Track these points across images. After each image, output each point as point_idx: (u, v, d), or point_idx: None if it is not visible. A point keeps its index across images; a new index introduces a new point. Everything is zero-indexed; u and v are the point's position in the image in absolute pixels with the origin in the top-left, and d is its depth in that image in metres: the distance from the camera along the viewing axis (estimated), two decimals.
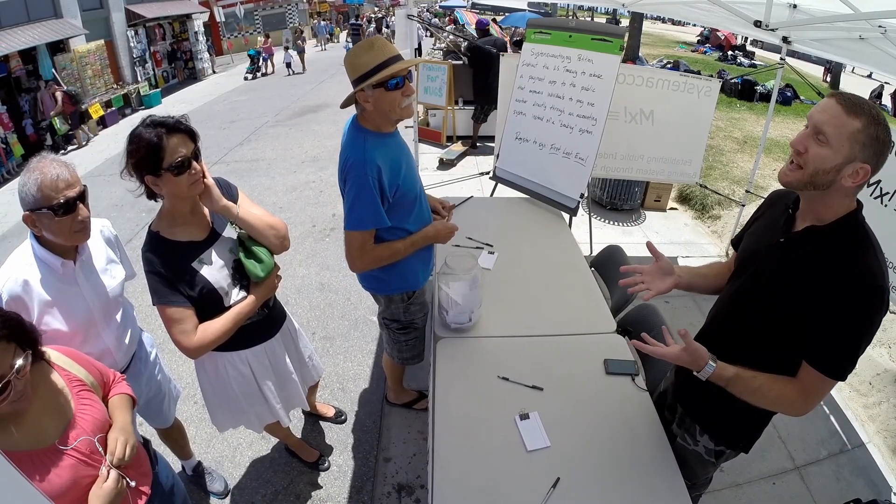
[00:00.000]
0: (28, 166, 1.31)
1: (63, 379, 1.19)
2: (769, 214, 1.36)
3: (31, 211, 1.31)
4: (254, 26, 20.71)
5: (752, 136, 7.51)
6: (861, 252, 1.10)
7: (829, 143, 1.06)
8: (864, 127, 1.03)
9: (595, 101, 2.76)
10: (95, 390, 1.26)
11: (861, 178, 1.06)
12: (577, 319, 1.98)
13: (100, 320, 1.52)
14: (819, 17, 2.66)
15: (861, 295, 1.07)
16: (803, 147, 1.10)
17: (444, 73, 6.40)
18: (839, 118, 1.05)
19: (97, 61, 10.36)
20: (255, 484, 2.28)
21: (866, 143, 1.04)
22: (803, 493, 2.29)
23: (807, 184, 1.11)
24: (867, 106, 1.05)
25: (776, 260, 1.22)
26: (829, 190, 1.10)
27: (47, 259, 1.39)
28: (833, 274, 1.10)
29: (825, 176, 1.08)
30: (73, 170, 1.35)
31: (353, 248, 1.72)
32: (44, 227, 1.34)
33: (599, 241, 3.36)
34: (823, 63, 14.95)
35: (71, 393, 1.18)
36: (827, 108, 1.07)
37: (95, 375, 1.29)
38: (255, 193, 5.57)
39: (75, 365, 1.24)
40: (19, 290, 1.35)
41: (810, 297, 1.13)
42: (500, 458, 1.44)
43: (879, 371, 2.95)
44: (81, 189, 1.36)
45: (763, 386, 1.19)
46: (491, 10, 16.36)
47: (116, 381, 1.37)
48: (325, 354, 3.04)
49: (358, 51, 1.59)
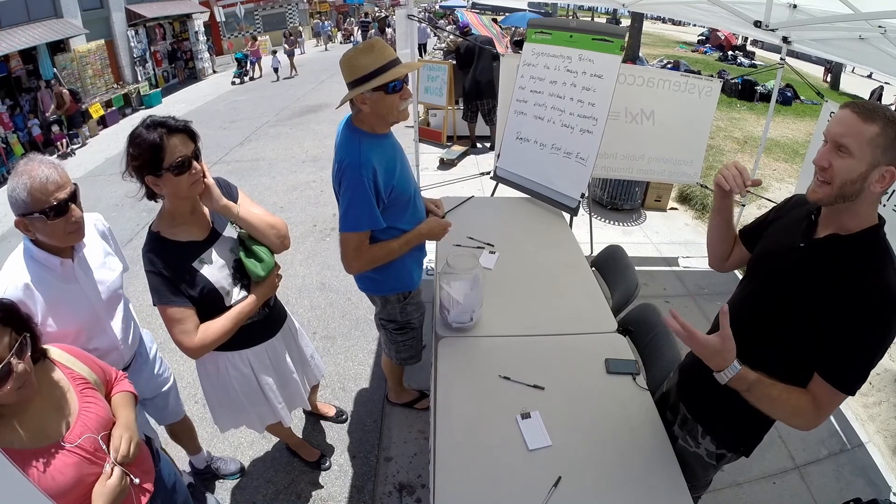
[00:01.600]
0: (16, 169, 1.27)
1: (66, 377, 1.19)
2: (789, 217, 1.35)
3: (23, 216, 1.29)
4: (254, 26, 20.70)
5: (753, 137, 7.52)
6: (881, 266, 1.10)
7: (851, 154, 1.06)
8: (882, 130, 1.04)
9: (596, 101, 2.76)
10: (98, 388, 1.26)
11: (888, 182, 1.07)
12: (577, 319, 1.98)
13: (104, 315, 1.52)
14: (819, 18, 2.66)
15: (879, 310, 1.07)
16: (827, 163, 1.10)
17: (444, 73, 6.40)
18: (856, 126, 1.05)
19: (97, 61, 10.37)
20: (256, 483, 2.28)
21: (887, 147, 1.04)
22: (803, 493, 2.29)
23: (837, 197, 1.11)
24: (881, 110, 1.06)
25: (795, 263, 1.22)
26: (857, 199, 1.11)
27: (45, 260, 1.38)
28: (851, 285, 1.10)
29: (853, 186, 1.08)
30: (62, 170, 1.32)
31: (349, 249, 1.72)
32: (37, 231, 1.32)
33: (600, 241, 3.36)
34: (823, 63, 14.95)
35: (74, 390, 1.18)
36: (843, 119, 1.08)
37: (98, 373, 1.29)
38: (256, 193, 5.57)
39: (78, 363, 1.24)
40: (21, 295, 1.33)
41: (826, 305, 1.12)
42: (501, 457, 1.44)
43: (879, 371, 2.95)
44: (73, 189, 1.33)
45: (782, 395, 1.17)
46: (491, 9, 16.35)
47: (118, 378, 1.37)
48: (326, 354, 3.05)
49: (357, 53, 1.59)
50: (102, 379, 1.30)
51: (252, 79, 13.89)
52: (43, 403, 1.11)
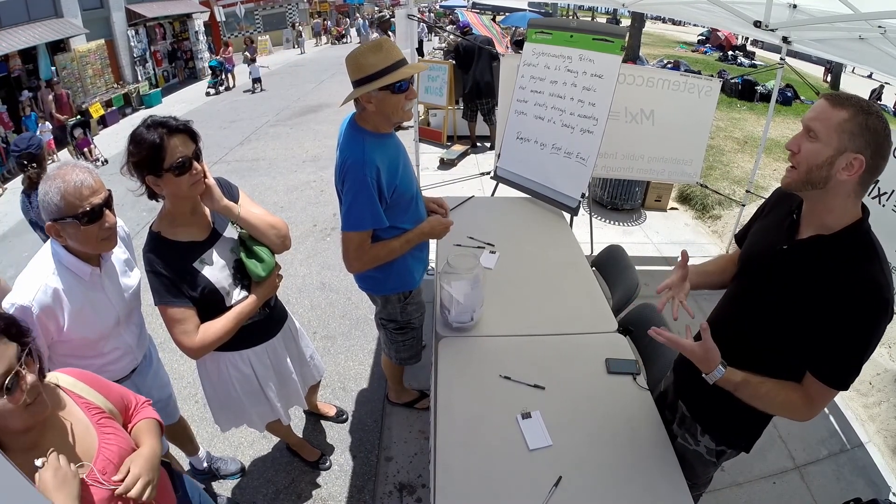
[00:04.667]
0: (48, 173, 1.26)
1: (81, 407, 1.09)
2: (773, 215, 1.35)
3: (55, 220, 1.26)
4: (254, 26, 20.70)
5: (753, 136, 7.51)
6: (867, 263, 1.09)
7: (819, 138, 1.07)
8: (852, 116, 1.04)
9: (596, 101, 2.77)
10: (115, 417, 1.16)
11: (857, 170, 1.05)
12: (578, 319, 1.98)
13: (123, 321, 1.52)
14: (819, 18, 2.66)
15: (866, 307, 1.07)
16: (796, 147, 1.12)
17: (445, 73, 6.40)
18: (825, 112, 1.07)
19: (97, 61, 10.36)
20: (256, 483, 2.28)
21: (855, 132, 1.04)
22: (803, 493, 2.29)
23: (804, 182, 1.11)
24: (855, 99, 1.06)
25: (778, 267, 1.21)
26: (828, 188, 1.09)
27: (76, 266, 1.36)
28: (838, 285, 1.09)
29: (819, 171, 1.08)
30: (96, 175, 1.31)
31: (351, 248, 1.72)
32: (69, 237, 1.30)
33: (600, 241, 3.36)
34: (823, 63, 14.95)
35: (91, 422, 1.08)
36: (816, 106, 1.10)
37: (115, 400, 1.19)
38: (256, 193, 5.57)
39: (92, 391, 1.14)
40: (49, 301, 1.31)
41: (813, 306, 1.12)
42: (501, 457, 1.44)
43: (879, 371, 2.95)
44: (107, 195, 1.32)
45: (770, 392, 1.19)
46: (491, 9, 16.34)
47: (140, 405, 1.28)
48: (327, 354, 3.05)
49: (364, 51, 1.58)
50: (120, 406, 1.20)
51: (228, 89, 12.55)
52: (58, 438, 1.01)
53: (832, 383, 1.12)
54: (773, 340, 1.23)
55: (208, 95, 12.00)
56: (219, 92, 12.28)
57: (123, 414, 1.21)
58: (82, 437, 1.05)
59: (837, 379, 1.12)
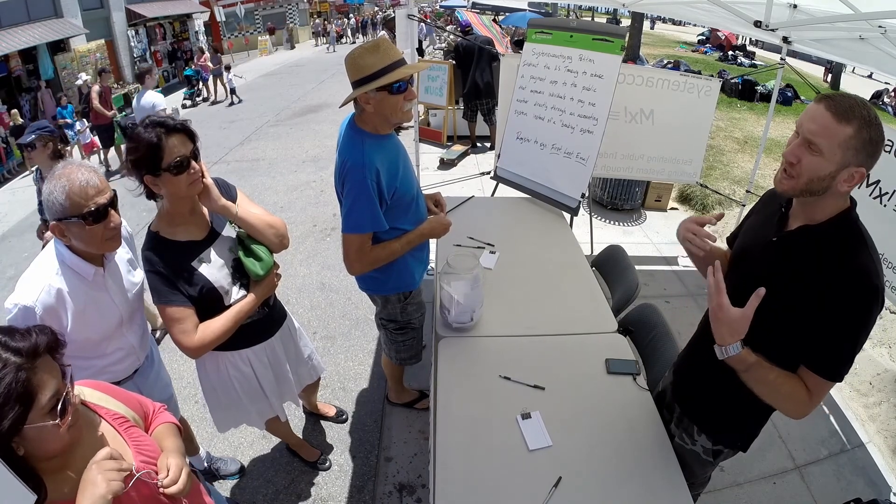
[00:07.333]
0: (53, 173, 1.25)
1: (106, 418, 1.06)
2: (763, 212, 1.36)
3: (59, 220, 1.26)
4: (254, 26, 20.71)
5: (753, 136, 7.51)
6: (855, 251, 1.09)
7: (822, 154, 1.05)
8: (857, 132, 1.01)
9: (596, 101, 2.76)
10: (138, 424, 1.14)
11: (857, 181, 1.06)
12: (578, 319, 1.98)
13: (126, 322, 1.52)
14: (819, 18, 2.65)
15: (856, 295, 1.07)
16: (796, 159, 1.09)
17: (445, 73, 6.40)
18: (830, 127, 1.03)
19: (97, 61, 10.37)
20: (256, 483, 2.28)
21: (859, 148, 1.03)
22: (803, 493, 2.29)
23: (803, 191, 1.11)
24: (857, 108, 1.02)
25: (768, 259, 1.22)
26: (825, 194, 1.10)
27: (79, 267, 1.35)
28: (827, 274, 1.09)
29: (820, 183, 1.08)
30: (101, 175, 1.31)
31: (351, 250, 1.72)
32: (73, 237, 1.29)
33: (600, 241, 3.36)
34: (824, 63, 14.94)
35: (118, 432, 1.06)
36: (816, 116, 1.05)
37: (135, 407, 1.17)
38: (256, 193, 5.57)
39: (112, 400, 1.12)
40: (53, 302, 1.30)
41: (804, 296, 1.12)
42: (501, 457, 1.44)
43: (879, 371, 2.95)
44: (112, 195, 1.32)
45: (778, 380, 1.16)
46: (491, 9, 16.34)
47: (157, 411, 1.27)
48: (326, 354, 3.04)
49: (363, 52, 1.58)
50: (140, 413, 1.19)
51: (205, 100, 11.35)
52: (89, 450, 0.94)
53: (826, 374, 1.12)
54: (765, 334, 1.22)
55: (184, 108, 10.53)
56: (195, 104, 10.99)
57: (144, 421, 1.20)
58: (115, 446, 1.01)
59: (831, 369, 1.12)
